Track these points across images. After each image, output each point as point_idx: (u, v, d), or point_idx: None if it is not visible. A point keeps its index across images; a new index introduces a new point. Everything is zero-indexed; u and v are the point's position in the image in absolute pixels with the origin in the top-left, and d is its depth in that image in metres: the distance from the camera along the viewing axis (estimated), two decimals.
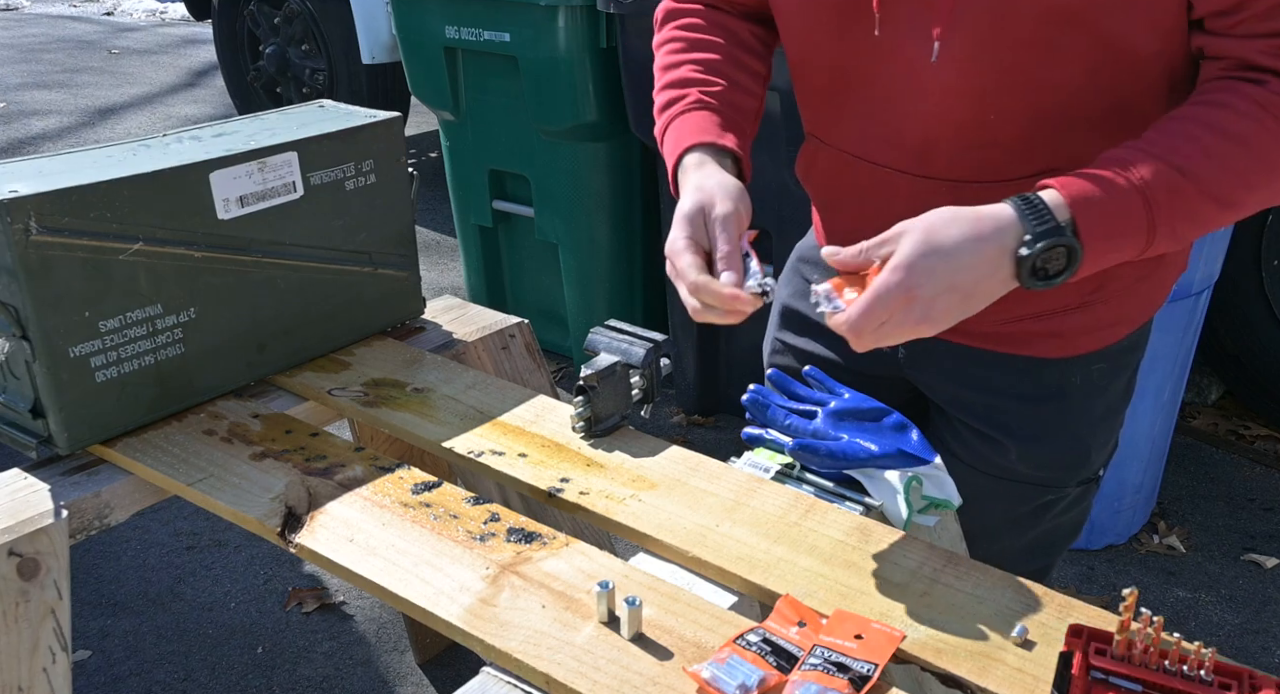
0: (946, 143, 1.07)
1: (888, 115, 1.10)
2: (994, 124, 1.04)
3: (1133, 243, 0.92)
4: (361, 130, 1.47)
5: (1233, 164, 0.92)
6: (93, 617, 2.26)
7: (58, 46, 8.20)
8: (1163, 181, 0.90)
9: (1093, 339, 1.19)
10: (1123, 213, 0.90)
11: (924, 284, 0.89)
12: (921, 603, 0.97)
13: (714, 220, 1.03)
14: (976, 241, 0.90)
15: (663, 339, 1.29)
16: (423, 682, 2.09)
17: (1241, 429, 2.93)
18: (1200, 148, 0.91)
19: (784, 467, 1.19)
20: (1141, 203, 0.90)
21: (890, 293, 0.89)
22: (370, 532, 1.10)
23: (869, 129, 1.13)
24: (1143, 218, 0.91)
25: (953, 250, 0.90)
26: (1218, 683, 0.79)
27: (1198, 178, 0.91)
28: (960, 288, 0.91)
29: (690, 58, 1.19)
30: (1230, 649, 2.14)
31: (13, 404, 1.28)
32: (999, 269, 0.91)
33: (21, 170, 1.25)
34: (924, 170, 1.10)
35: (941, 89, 1.04)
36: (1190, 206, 0.92)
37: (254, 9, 4.92)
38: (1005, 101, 1.02)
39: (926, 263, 0.89)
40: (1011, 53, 0.99)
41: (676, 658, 0.91)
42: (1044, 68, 0.99)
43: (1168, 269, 1.21)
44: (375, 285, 1.55)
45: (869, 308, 0.90)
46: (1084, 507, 1.34)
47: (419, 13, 3.01)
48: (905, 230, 0.92)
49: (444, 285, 3.85)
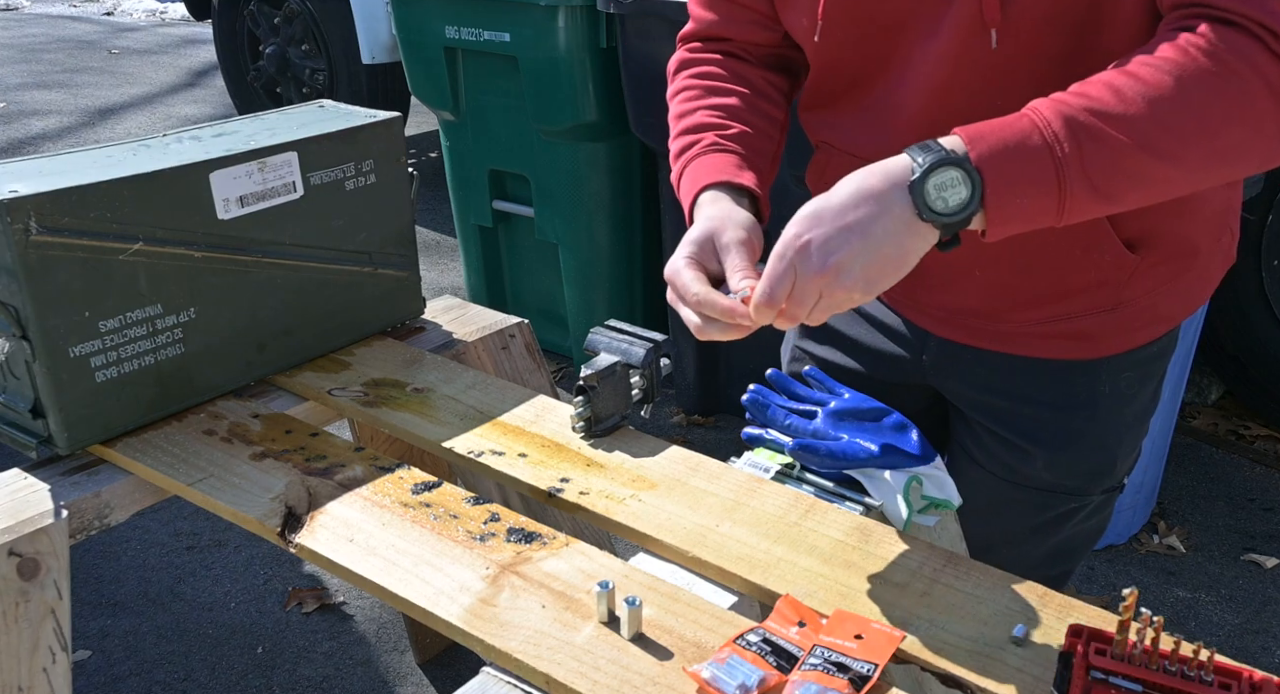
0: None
1: (904, 116, 1.09)
2: (1005, 101, 1.00)
3: (1041, 188, 0.86)
4: (361, 130, 1.47)
5: (1152, 106, 0.85)
6: (93, 617, 2.26)
7: (58, 46, 8.20)
8: (1066, 117, 0.85)
9: (1124, 340, 1.17)
10: (1021, 144, 0.85)
11: (813, 228, 0.89)
12: (921, 603, 0.97)
13: (724, 245, 1.02)
14: (862, 181, 0.89)
15: (663, 339, 1.29)
16: (423, 682, 2.09)
17: (1241, 429, 2.93)
18: (1115, 91, 0.86)
19: (784, 467, 1.19)
20: (1041, 140, 0.85)
21: (785, 246, 0.90)
22: (370, 532, 1.10)
23: (883, 131, 1.11)
24: (1045, 157, 0.85)
25: (837, 195, 0.90)
26: (1217, 683, 0.79)
27: (1112, 118, 0.85)
28: (855, 228, 0.88)
29: (706, 104, 1.17)
30: (1230, 649, 2.14)
31: (13, 404, 1.28)
32: (893, 206, 0.87)
33: (21, 170, 1.25)
34: None
35: (977, 81, 1.02)
36: (1109, 150, 0.85)
37: (254, 9, 4.92)
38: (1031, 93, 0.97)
39: (812, 210, 0.90)
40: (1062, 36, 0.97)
41: (676, 658, 0.91)
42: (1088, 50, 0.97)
43: (1205, 265, 1.16)
44: (375, 285, 1.55)
45: (770, 270, 0.91)
46: (1106, 514, 1.32)
47: (419, 13, 3.01)
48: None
49: (444, 285, 3.85)
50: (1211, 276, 1.20)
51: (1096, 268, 1.10)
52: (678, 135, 1.18)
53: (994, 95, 1.01)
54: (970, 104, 1.02)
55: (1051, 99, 0.88)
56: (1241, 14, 0.85)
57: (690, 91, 1.20)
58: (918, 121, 1.07)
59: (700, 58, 1.22)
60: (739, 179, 1.09)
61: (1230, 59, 0.84)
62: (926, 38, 1.03)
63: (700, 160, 1.13)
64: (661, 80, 1.29)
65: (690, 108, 1.18)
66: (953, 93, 1.04)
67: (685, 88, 1.21)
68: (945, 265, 1.15)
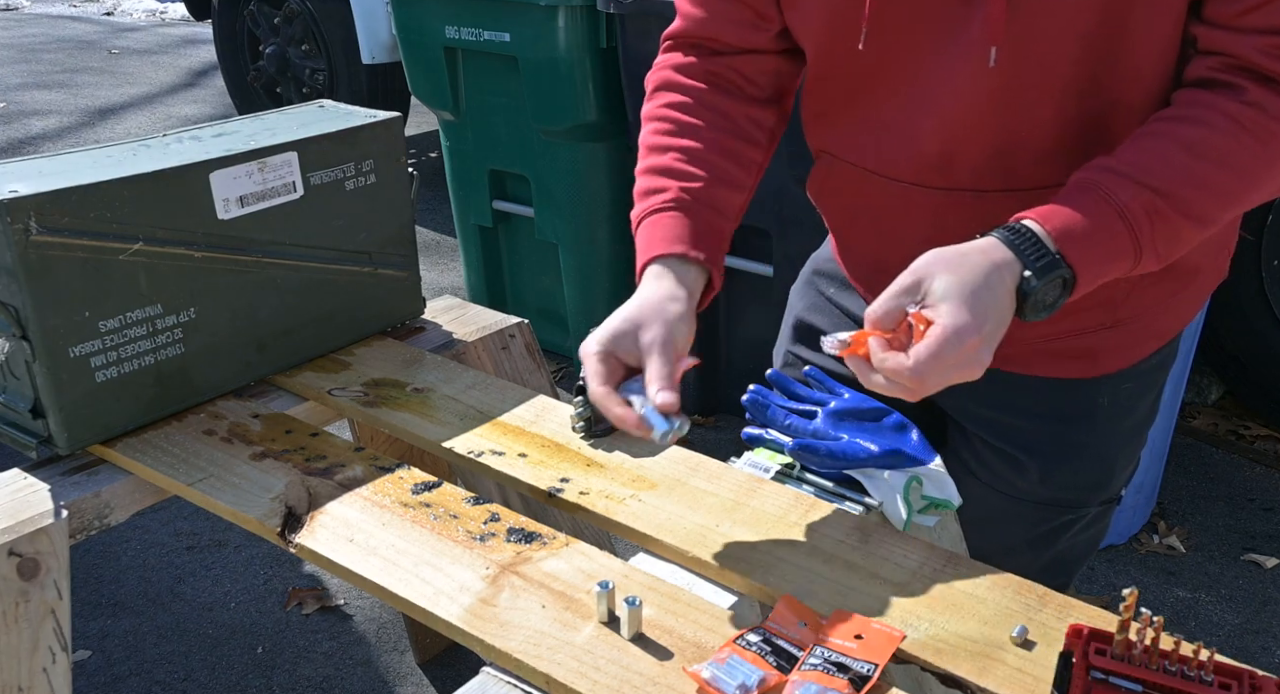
0: (971, 153, 1.05)
1: (909, 126, 1.07)
2: (1023, 130, 1.02)
3: (1120, 266, 0.93)
4: (361, 130, 1.47)
5: (1210, 185, 0.92)
6: (93, 617, 2.26)
7: (57, 46, 8.20)
8: (1142, 205, 0.90)
9: (1123, 357, 1.17)
10: (1108, 239, 0.91)
11: (988, 318, 0.88)
12: (922, 603, 0.97)
13: (645, 345, 1.00)
14: (999, 274, 0.89)
15: None
16: (423, 682, 2.09)
17: (1241, 429, 2.93)
18: (1178, 170, 0.91)
19: (784, 467, 1.19)
20: (1125, 228, 0.91)
21: (963, 331, 0.86)
22: (370, 532, 1.10)
23: (887, 142, 1.11)
24: (1128, 242, 0.91)
25: (990, 284, 0.89)
26: (1218, 683, 0.79)
27: (1176, 200, 0.91)
28: (998, 333, 0.90)
29: (676, 144, 1.12)
30: (1230, 649, 2.14)
31: (13, 404, 1.28)
32: (1011, 305, 0.91)
33: (21, 170, 1.25)
34: (945, 182, 1.07)
35: (977, 97, 1.01)
36: (1171, 228, 0.92)
37: (254, 9, 4.92)
38: (1041, 108, 1.00)
39: (980, 298, 0.87)
40: (1065, 56, 0.97)
41: (676, 658, 0.91)
42: (1096, 67, 0.97)
43: (1202, 282, 1.17)
44: (375, 285, 1.55)
45: (940, 350, 0.86)
46: (1103, 525, 1.31)
47: (419, 13, 3.01)
48: (928, 271, 0.90)
49: (444, 285, 3.85)
50: (1206, 290, 1.20)
51: (1098, 289, 1.10)
52: (644, 173, 1.13)
53: (1004, 116, 1.01)
54: (980, 124, 1.02)
55: (1131, 179, 0.91)
56: None
57: (663, 125, 1.15)
58: (927, 140, 1.06)
59: (683, 83, 1.16)
60: (691, 253, 1.06)
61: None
62: (935, 53, 1.02)
63: (656, 220, 1.08)
64: None
65: (661, 143, 1.14)
66: (961, 112, 1.03)
67: (659, 117, 1.16)
68: None
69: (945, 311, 0.87)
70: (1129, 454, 1.25)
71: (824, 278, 1.34)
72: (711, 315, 2.86)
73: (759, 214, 2.61)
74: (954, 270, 0.88)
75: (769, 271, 2.65)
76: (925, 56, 1.02)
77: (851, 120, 1.14)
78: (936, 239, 1.11)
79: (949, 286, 0.88)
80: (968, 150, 1.05)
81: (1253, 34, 0.91)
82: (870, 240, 1.21)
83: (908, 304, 0.90)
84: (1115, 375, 1.17)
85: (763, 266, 2.66)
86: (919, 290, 0.90)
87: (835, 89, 1.14)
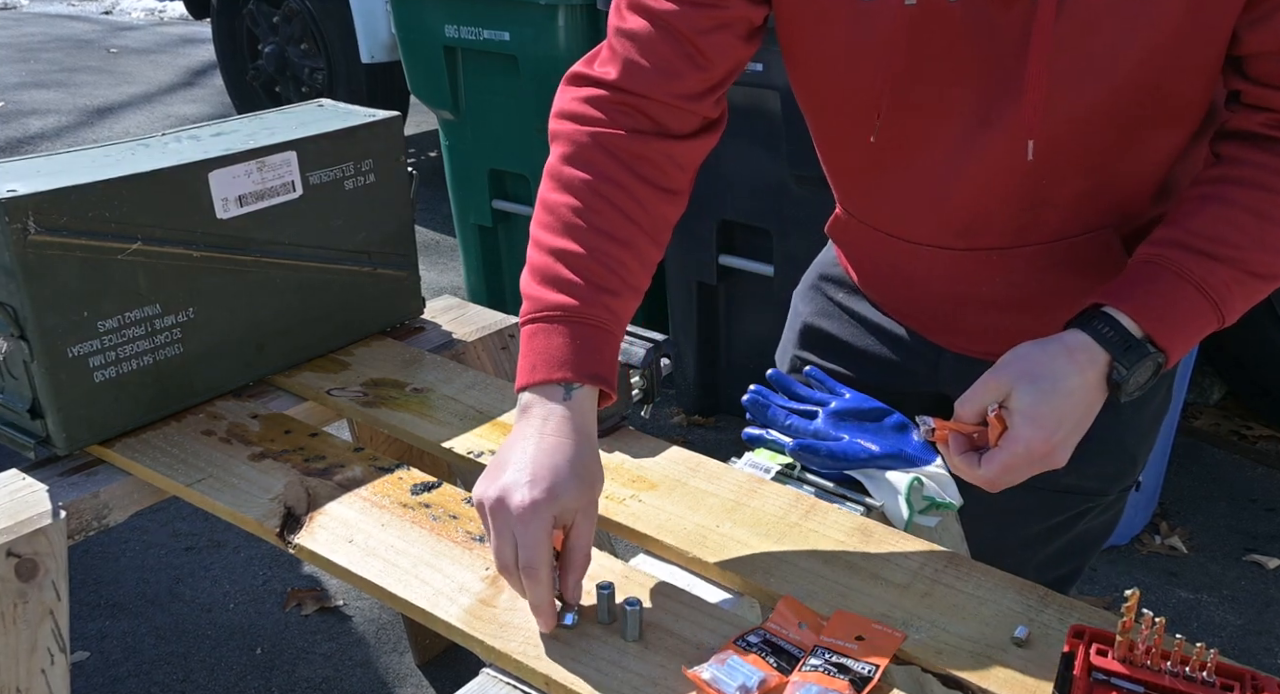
0: (995, 214, 1.04)
1: (930, 203, 1.06)
2: (1051, 196, 1.02)
3: (1205, 332, 0.95)
4: (360, 130, 1.46)
5: (1278, 245, 0.94)
6: (91, 618, 2.26)
7: (56, 45, 8.20)
8: (1221, 278, 0.92)
9: None
10: (1193, 317, 0.93)
11: (1059, 429, 0.90)
12: (923, 604, 0.97)
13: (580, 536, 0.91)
14: (1082, 378, 0.91)
15: (663, 339, 1.29)
16: (422, 683, 2.09)
17: (1243, 429, 2.93)
18: (1250, 235, 0.93)
19: (784, 467, 1.18)
20: (1207, 303, 0.93)
21: (1033, 448, 0.89)
22: (369, 532, 1.09)
23: (906, 214, 1.10)
24: (1212, 315, 0.93)
25: (1070, 390, 0.91)
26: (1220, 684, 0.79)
27: (1250, 264, 0.93)
28: (1082, 425, 0.92)
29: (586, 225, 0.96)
30: (1233, 650, 2.14)
31: (11, 404, 1.28)
32: (1100, 395, 0.93)
33: (20, 170, 1.25)
34: (969, 245, 1.08)
35: (1008, 181, 1.01)
36: (1246, 290, 0.94)
37: (253, 8, 4.92)
38: (1072, 177, 1.01)
39: (1056, 408, 0.90)
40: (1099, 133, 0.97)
41: (676, 659, 0.91)
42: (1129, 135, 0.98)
43: None
44: (374, 285, 1.54)
45: (1011, 464, 0.90)
46: (1118, 510, 1.31)
47: (418, 12, 3.01)
48: (1012, 377, 0.91)
49: (444, 285, 3.85)
50: None
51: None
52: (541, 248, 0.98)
53: (1034, 189, 1.01)
54: (1008, 198, 1.02)
55: (1204, 254, 0.92)
56: None
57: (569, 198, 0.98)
58: (951, 214, 1.06)
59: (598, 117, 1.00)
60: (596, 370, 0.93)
61: None
62: (959, 146, 1.00)
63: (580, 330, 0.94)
64: None
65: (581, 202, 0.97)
66: (988, 194, 1.03)
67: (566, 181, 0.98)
68: (961, 317, 1.15)
69: (1018, 424, 0.90)
70: (1149, 441, 1.26)
71: (831, 283, 1.33)
72: (711, 315, 2.86)
73: (759, 214, 2.61)
74: (1034, 381, 0.90)
75: (769, 271, 2.65)
76: (946, 148, 1.01)
77: (866, 191, 1.13)
78: (958, 289, 1.10)
79: (1025, 401, 0.90)
80: (994, 219, 1.05)
81: None
82: (892, 285, 1.23)
83: (991, 404, 0.92)
84: None
85: (763, 266, 2.66)
86: (1002, 394, 0.91)
87: (848, 163, 1.13)
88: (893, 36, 0.96)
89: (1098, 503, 1.26)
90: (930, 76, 0.97)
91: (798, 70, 1.07)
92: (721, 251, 2.73)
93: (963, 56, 0.95)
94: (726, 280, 2.78)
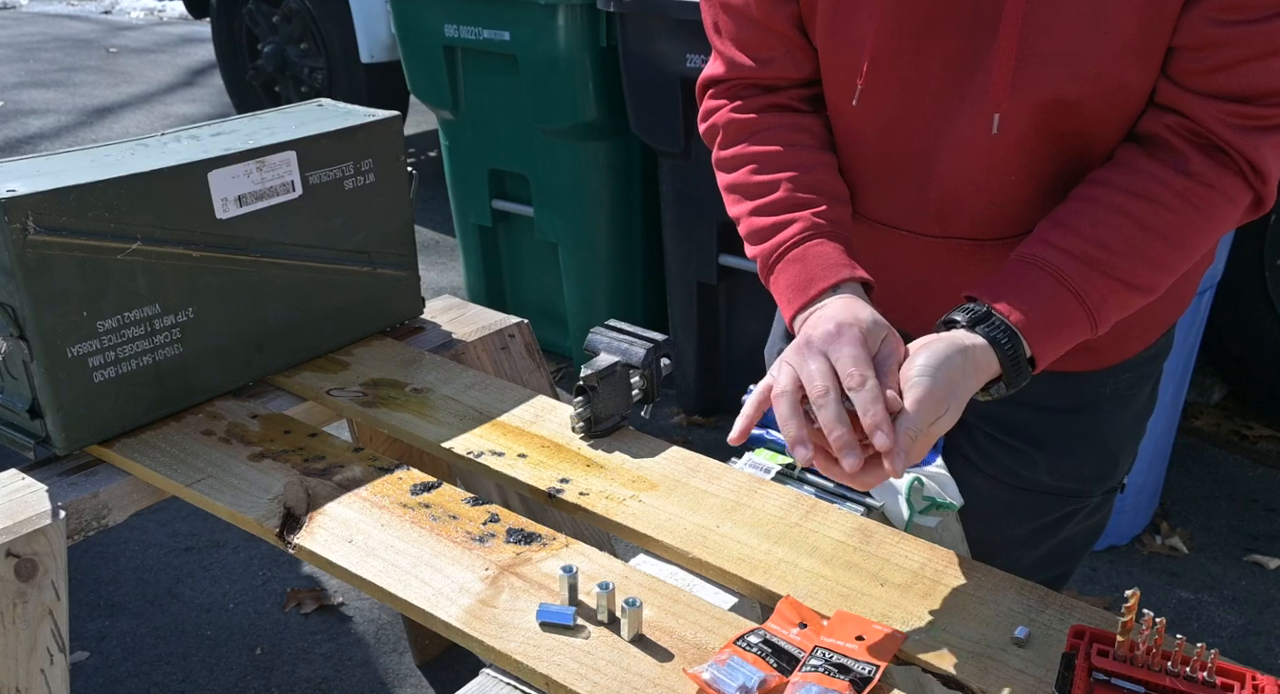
0: (966, 199, 1.07)
1: (907, 172, 1.08)
2: (1014, 183, 1.04)
3: (1074, 343, 0.97)
4: (360, 129, 1.46)
5: (1157, 259, 0.95)
6: (91, 618, 2.26)
7: (55, 45, 8.20)
8: (1099, 287, 0.94)
9: (1126, 348, 1.18)
10: (1072, 329, 0.95)
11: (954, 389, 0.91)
12: (923, 604, 0.97)
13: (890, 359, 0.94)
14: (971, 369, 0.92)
15: (663, 339, 1.29)
16: (422, 683, 2.09)
17: (1244, 430, 2.93)
18: (1132, 245, 0.94)
19: (784, 467, 1.18)
20: (1084, 313, 0.94)
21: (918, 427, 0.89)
22: (369, 532, 1.09)
23: (883, 193, 1.12)
24: (1087, 325, 0.95)
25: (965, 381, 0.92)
26: (1220, 684, 0.79)
27: (1126, 276, 0.95)
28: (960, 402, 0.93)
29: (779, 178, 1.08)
30: (1233, 650, 2.14)
31: (10, 404, 1.28)
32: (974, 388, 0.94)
33: (19, 169, 1.25)
34: (944, 231, 1.10)
35: (977, 158, 1.03)
36: (1120, 300, 0.96)
37: (252, 7, 4.91)
38: (1038, 163, 1.02)
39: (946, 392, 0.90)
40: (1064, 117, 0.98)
41: (677, 659, 0.91)
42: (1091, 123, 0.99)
43: (1195, 269, 1.18)
44: (374, 285, 1.54)
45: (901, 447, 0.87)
46: (1105, 513, 1.32)
47: (418, 11, 3.01)
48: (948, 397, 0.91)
49: (444, 285, 3.85)
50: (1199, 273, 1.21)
51: None
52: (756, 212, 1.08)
53: (1003, 173, 1.03)
54: (980, 181, 1.05)
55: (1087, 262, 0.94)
56: (1235, 148, 0.92)
57: (754, 164, 1.10)
58: (925, 194, 1.08)
59: (751, 120, 1.12)
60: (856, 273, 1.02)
61: (1220, 203, 0.94)
62: (935, 117, 1.03)
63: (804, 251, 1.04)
64: (662, 79, 1.27)
65: (761, 182, 1.09)
66: (961, 170, 1.05)
67: (747, 157, 1.11)
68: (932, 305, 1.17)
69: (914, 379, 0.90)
70: (1132, 444, 1.27)
71: None
72: (712, 315, 2.86)
73: None
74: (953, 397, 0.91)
75: None
76: (924, 119, 1.04)
77: (849, 168, 1.15)
78: (932, 275, 1.12)
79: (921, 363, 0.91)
80: (965, 203, 1.07)
81: (1215, 100, 0.92)
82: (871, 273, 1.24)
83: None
84: (1117, 365, 1.19)
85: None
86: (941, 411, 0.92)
87: (838, 130, 1.15)
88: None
89: (1082, 505, 1.26)
90: (912, 31, 0.99)
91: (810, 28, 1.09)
92: (721, 251, 2.73)
93: (944, 16, 0.97)
94: (726, 280, 2.78)
